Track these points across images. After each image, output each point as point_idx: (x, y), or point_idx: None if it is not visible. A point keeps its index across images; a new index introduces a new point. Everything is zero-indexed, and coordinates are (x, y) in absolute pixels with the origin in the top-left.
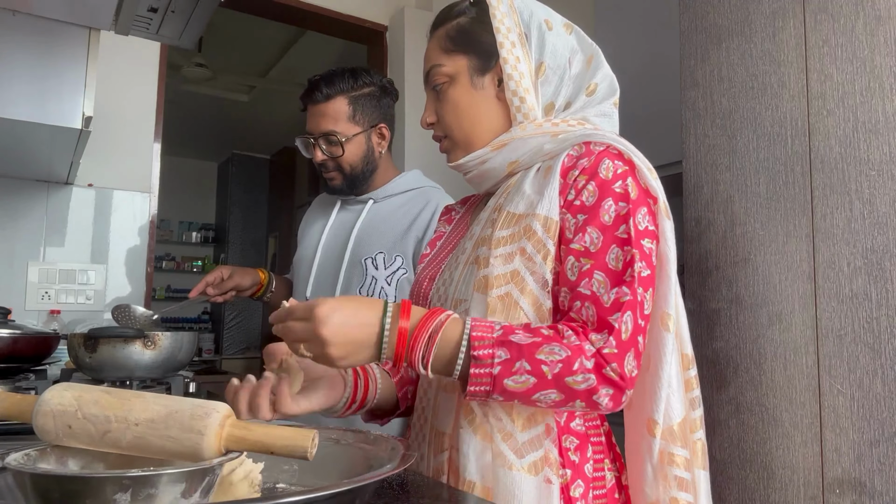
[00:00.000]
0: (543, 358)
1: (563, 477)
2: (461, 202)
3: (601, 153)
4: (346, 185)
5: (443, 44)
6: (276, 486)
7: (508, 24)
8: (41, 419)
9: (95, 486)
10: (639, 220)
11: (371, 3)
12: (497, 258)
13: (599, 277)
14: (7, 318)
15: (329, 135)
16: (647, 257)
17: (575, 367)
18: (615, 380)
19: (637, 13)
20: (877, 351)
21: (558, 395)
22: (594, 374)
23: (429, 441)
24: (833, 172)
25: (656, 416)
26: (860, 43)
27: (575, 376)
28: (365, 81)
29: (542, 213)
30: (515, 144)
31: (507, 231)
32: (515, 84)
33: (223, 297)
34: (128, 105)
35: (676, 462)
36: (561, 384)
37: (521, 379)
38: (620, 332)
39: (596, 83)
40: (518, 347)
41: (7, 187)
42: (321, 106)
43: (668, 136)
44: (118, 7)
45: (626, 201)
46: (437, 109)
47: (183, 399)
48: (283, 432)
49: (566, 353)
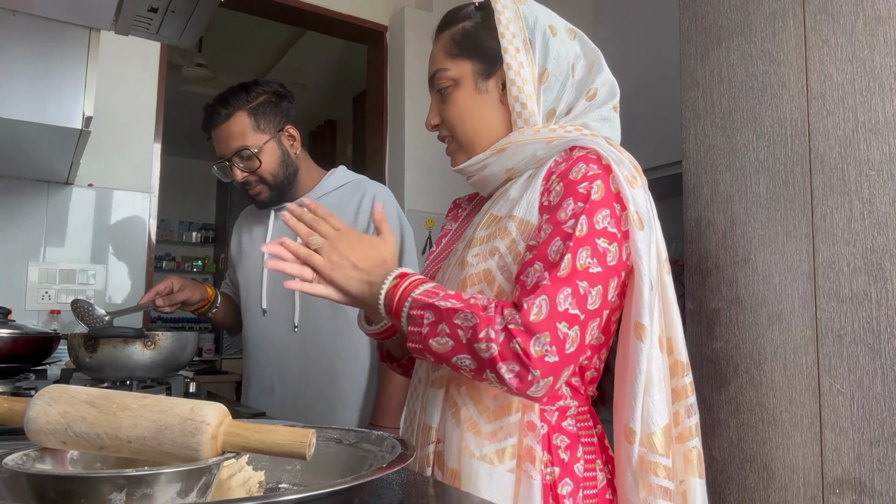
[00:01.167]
0: (459, 322)
1: (551, 475)
2: (469, 198)
3: (579, 157)
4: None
5: (448, 48)
6: (278, 486)
7: (513, 29)
8: (34, 436)
9: (90, 485)
10: (596, 220)
11: (371, 3)
12: (474, 257)
13: (536, 267)
14: (7, 318)
15: (241, 150)
16: (598, 255)
17: (481, 334)
18: (519, 354)
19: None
20: (877, 351)
21: (471, 361)
22: (497, 345)
23: (416, 435)
24: (833, 172)
25: (632, 424)
26: (860, 43)
27: (480, 343)
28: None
29: (518, 215)
30: (513, 149)
31: (485, 231)
32: (518, 90)
33: (170, 308)
34: (128, 105)
35: (657, 471)
36: (471, 349)
37: (442, 341)
38: (529, 313)
39: (596, 88)
40: (441, 311)
41: (7, 187)
42: (224, 126)
43: (668, 136)
44: (118, 7)
45: (585, 201)
46: (442, 112)
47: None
48: (280, 433)
49: (476, 320)
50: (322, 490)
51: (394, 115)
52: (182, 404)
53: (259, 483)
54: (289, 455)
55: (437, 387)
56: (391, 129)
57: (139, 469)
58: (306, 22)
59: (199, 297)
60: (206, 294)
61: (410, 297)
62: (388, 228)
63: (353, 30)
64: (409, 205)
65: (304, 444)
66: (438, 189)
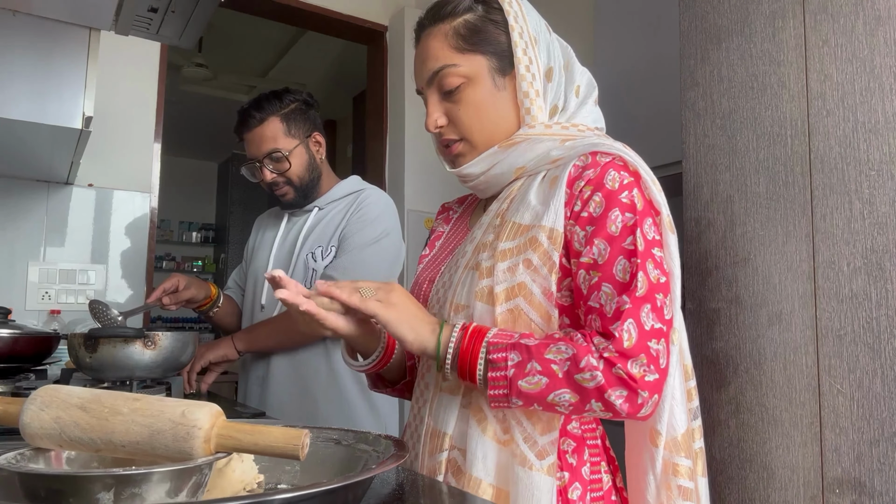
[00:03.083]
0: (552, 357)
1: (562, 479)
2: (458, 201)
3: (607, 164)
4: (300, 197)
5: (453, 42)
6: (277, 487)
7: (521, 24)
8: (30, 440)
9: (79, 485)
10: (646, 230)
11: (371, 3)
12: (503, 271)
13: (607, 290)
14: (7, 318)
15: (272, 153)
16: (659, 265)
17: (582, 364)
18: (625, 379)
19: (637, 13)
20: (877, 351)
21: (572, 395)
22: (601, 373)
23: (423, 441)
24: (833, 172)
25: (659, 427)
26: (860, 43)
27: (583, 373)
28: (289, 100)
29: (547, 225)
30: (525, 146)
31: (512, 243)
32: (528, 85)
33: (175, 306)
34: (128, 105)
35: (680, 472)
36: (572, 382)
37: (535, 380)
38: (621, 341)
39: (578, 84)
40: (528, 349)
41: (7, 187)
42: (257, 129)
43: (668, 136)
44: (118, 7)
45: (633, 212)
46: (450, 111)
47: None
48: (274, 434)
49: (573, 350)
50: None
51: (394, 115)
52: (174, 407)
53: (258, 484)
54: (282, 456)
55: (452, 393)
56: (391, 129)
57: (126, 468)
58: (306, 22)
59: (204, 295)
60: (209, 292)
61: (486, 342)
62: None
63: (353, 30)
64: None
65: (298, 445)
66: (438, 189)
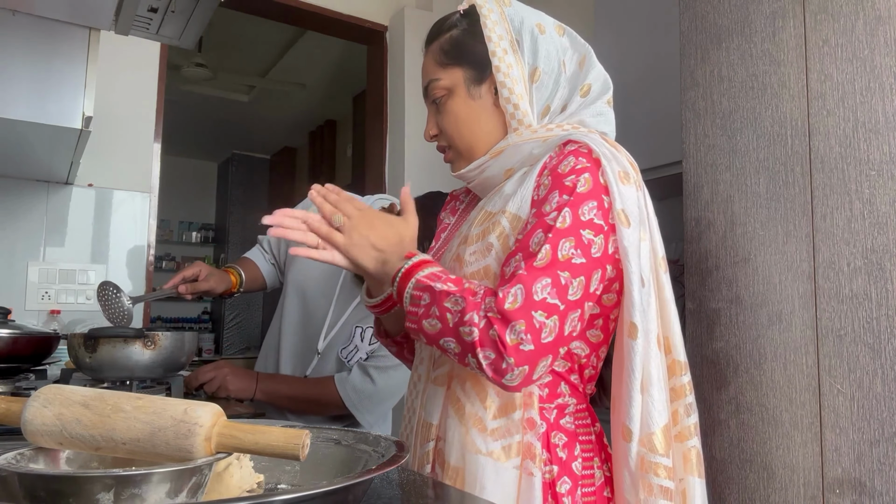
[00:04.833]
0: (448, 306)
1: (550, 473)
2: (465, 191)
3: (570, 152)
4: None
5: (438, 58)
6: (277, 487)
7: (500, 31)
8: (31, 437)
9: (78, 485)
10: (581, 212)
11: (371, 3)
12: (472, 255)
13: (518, 257)
14: (7, 318)
15: None
16: (583, 246)
17: (466, 317)
18: (496, 342)
19: (637, 13)
20: (877, 351)
21: (455, 344)
22: (479, 330)
23: (416, 432)
24: (833, 172)
25: (629, 423)
26: (860, 43)
27: (465, 327)
28: None
29: (511, 210)
30: (511, 151)
31: (479, 228)
32: (508, 91)
33: (191, 296)
34: (128, 105)
35: (657, 471)
36: (457, 333)
37: (432, 322)
38: (504, 301)
39: (589, 83)
40: (435, 293)
41: (7, 187)
42: None
43: (668, 136)
44: (118, 7)
45: (570, 194)
46: (439, 122)
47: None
48: (274, 434)
49: (464, 304)
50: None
51: (394, 115)
52: (176, 405)
53: (258, 484)
54: (282, 456)
55: (439, 384)
56: (391, 129)
57: (126, 469)
58: (306, 22)
59: (223, 289)
60: (229, 284)
61: (414, 278)
62: (412, 209)
63: (353, 30)
64: None
65: (298, 445)
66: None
